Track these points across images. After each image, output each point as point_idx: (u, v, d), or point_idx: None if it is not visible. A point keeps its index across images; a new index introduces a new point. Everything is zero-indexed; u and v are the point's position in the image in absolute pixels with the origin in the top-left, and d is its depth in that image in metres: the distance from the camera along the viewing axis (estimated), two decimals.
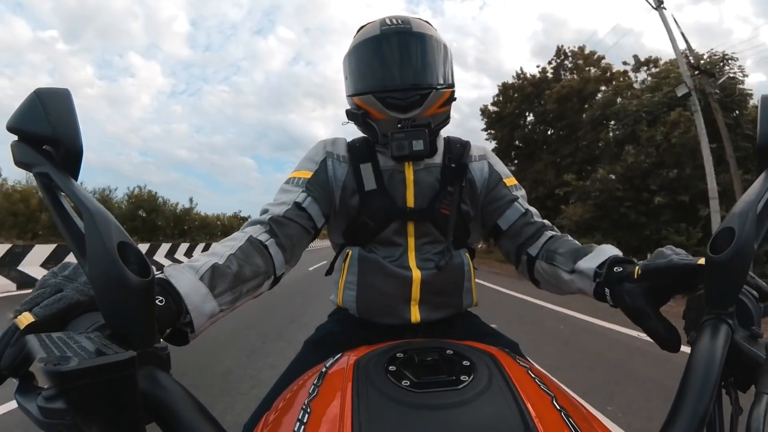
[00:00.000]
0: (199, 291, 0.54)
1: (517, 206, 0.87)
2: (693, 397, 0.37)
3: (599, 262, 0.66)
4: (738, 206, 0.43)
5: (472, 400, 0.41)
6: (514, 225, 0.86)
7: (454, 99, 0.87)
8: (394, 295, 0.83)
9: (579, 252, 0.73)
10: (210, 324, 0.57)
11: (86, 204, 0.35)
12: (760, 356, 0.41)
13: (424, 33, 0.82)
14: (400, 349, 0.53)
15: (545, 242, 0.82)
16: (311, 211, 0.79)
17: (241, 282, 0.62)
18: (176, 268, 0.55)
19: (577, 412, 0.43)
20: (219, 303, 0.56)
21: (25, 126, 0.37)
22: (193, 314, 0.52)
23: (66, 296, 0.39)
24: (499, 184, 0.89)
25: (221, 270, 0.59)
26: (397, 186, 0.84)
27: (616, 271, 0.62)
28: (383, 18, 0.85)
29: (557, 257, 0.76)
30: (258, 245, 0.68)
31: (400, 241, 0.84)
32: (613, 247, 0.69)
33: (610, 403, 2.53)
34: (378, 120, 0.82)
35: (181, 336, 0.53)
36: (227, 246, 0.65)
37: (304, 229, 0.78)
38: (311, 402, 0.44)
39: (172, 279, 0.52)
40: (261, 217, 0.75)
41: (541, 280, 0.83)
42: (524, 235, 0.85)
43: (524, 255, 0.84)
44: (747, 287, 0.48)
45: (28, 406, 0.31)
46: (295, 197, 0.78)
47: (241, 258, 0.64)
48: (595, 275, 0.65)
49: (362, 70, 0.83)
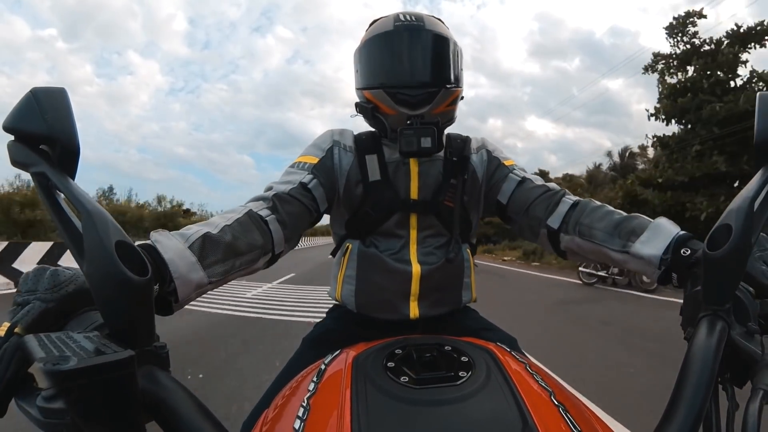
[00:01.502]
0: (186, 259, 0.52)
1: (513, 176, 0.87)
2: (690, 393, 0.37)
3: (663, 247, 0.62)
4: (735, 203, 0.43)
5: (470, 395, 0.41)
6: (514, 196, 0.85)
7: (461, 98, 0.87)
8: (394, 290, 0.83)
9: (624, 227, 0.69)
10: (197, 295, 0.55)
11: (84, 203, 0.35)
12: (757, 352, 0.42)
13: (437, 31, 0.82)
14: (398, 346, 0.53)
15: (568, 212, 0.79)
16: (316, 193, 0.79)
17: (234, 255, 0.60)
18: (164, 234, 0.53)
19: (575, 408, 0.43)
20: (208, 274, 0.55)
21: (21, 125, 0.37)
22: (177, 282, 0.50)
23: (33, 308, 0.39)
24: (498, 166, 0.89)
25: (214, 240, 0.57)
26: (401, 178, 0.84)
27: (684, 254, 0.59)
28: (397, 13, 0.84)
29: (597, 233, 0.72)
30: (257, 219, 0.67)
31: (402, 234, 0.84)
32: (668, 221, 0.65)
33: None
34: (387, 115, 0.82)
35: (165, 304, 0.51)
36: (224, 217, 0.64)
37: (307, 209, 0.77)
38: (311, 399, 0.44)
39: (158, 244, 0.51)
40: (264, 194, 0.74)
41: (573, 255, 0.80)
42: (531, 204, 0.83)
43: (543, 228, 0.81)
44: (743, 284, 0.48)
45: (28, 407, 0.31)
46: (301, 178, 0.78)
47: (237, 230, 0.62)
48: (660, 262, 0.62)
49: (374, 64, 0.84)
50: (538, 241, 0.85)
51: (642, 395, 2.58)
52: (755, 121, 0.47)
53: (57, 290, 0.40)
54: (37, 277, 0.41)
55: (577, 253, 0.78)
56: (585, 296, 7.24)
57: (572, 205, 0.79)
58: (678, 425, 0.36)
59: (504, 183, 0.87)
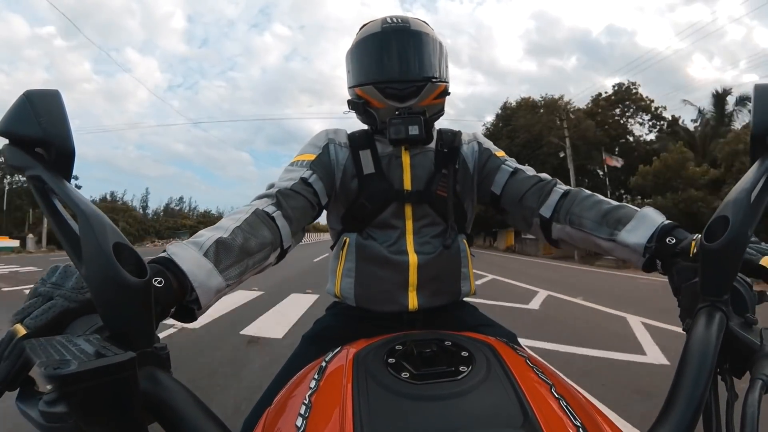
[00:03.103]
0: (203, 267, 0.53)
1: (505, 167, 0.89)
2: (689, 384, 0.38)
3: (647, 236, 0.64)
4: (732, 194, 0.43)
5: (471, 390, 0.42)
6: (508, 187, 0.87)
7: (448, 93, 0.91)
8: (392, 281, 0.84)
9: (611, 216, 0.71)
10: (217, 299, 0.56)
11: (80, 206, 0.35)
12: (755, 343, 0.42)
13: (421, 31, 0.87)
14: (398, 342, 0.53)
15: (559, 201, 0.80)
16: (316, 187, 0.81)
17: (247, 255, 0.61)
18: (179, 245, 0.54)
19: (575, 400, 0.43)
20: (225, 278, 0.56)
21: (15, 129, 0.36)
22: (198, 291, 0.51)
23: (55, 305, 0.38)
24: (489, 158, 0.91)
25: (226, 243, 0.58)
26: (394, 170, 0.87)
27: (669, 243, 0.60)
28: (384, 17, 0.90)
29: (586, 222, 0.74)
30: (264, 217, 0.68)
31: (397, 224, 0.86)
32: (654, 211, 0.67)
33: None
34: (377, 109, 0.86)
35: (188, 313, 0.52)
36: (233, 219, 0.64)
37: (309, 203, 0.79)
38: (312, 396, 0.45)
39: (175, 257, 0.51)
40: (268, 192, 0.75)
41: (564, 243, 0.82)
42: (524, 194, 0.84)
43: (536, 218, 0.82)
44: (741, 275, 0.48)
45: (30, 411, 0.31)
46: (301, 174, 0.81)
47: (247, 230, 0.63)
48: (645, 250, 0.64)
49: (364, 63, 0.88)
50: (532, 230, 0.87)
51: None
52: (752, 112, 0.47)
53: (83, 292, 0.40)
54: (66, 273, 0.41)
55: (568, 241, 0.80)
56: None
57: (563, 194, 0.80)
58: (678, 416, 0.36)
59: (497, 174, 0.89)
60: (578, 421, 0.38)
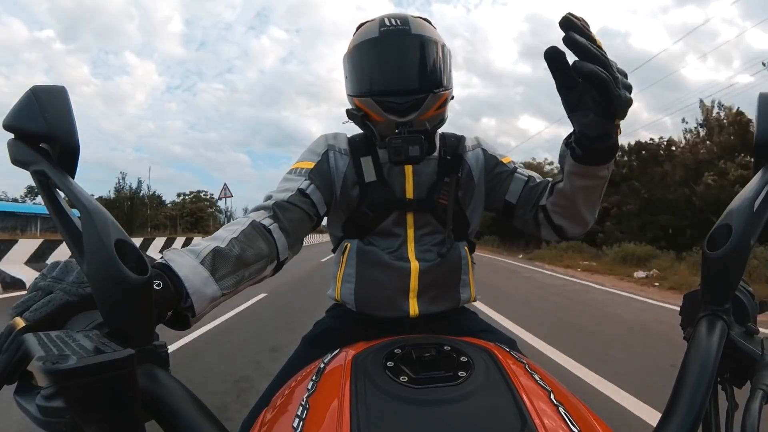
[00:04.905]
0: (199, 274, 0.53)
1: (519, 176, 0.88)
2: (689, 393, 0.37)
3: (564, 143, 0.67)
4: (735, 203, 0.43)
5: (469, 395, 0.41)
6: (524, 195, 0.86)
7: (451, 98, 0.86)
8: (393, 286, 0.83)
9: (560, 158, 0.73)
10: (211, 308, 0.56)
11: (83, 202, 0.35)
12: (756, 352, 0.42)
13: (423, 35, 0.80)
14: (397, 345, 0.53)
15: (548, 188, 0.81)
16: (314, 198, 0.80)
17: (243, 266, 0.61)
18: (176, 252, 0.54)
19: (574, 407, 0.43)
20: (221, 287, 0.56)
21: (21, 124, 0.37)
22: (193, 298, 0.51)
23: (55, 298, 0.38)
24: (497, 165, 0.90)
25: (223, 253, 0.58)
26: (396, 178, 0.86)
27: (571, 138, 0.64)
28: (383, 17, 0.83)
29: (555, 181, 0.76)
30: (261, 229, 0.68)
31: (399, 232, 0.86)
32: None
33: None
34: (376, 122, 0.82)
35: (182, 320, 0.52)
36: (230, 230, 0.64)
37: (307, 215, 0.78)
38: (310, 398, 0.44)
39: (172, 263, 0.51)
40: (265, 203, 0.75)
41: (558, 218, 0.80)
42: (534, 199, 0.84)
43: (540, 213, 0.82)
44: (743, 284, 0.48)
45: (27, 405, 0.31)
46: (298, 184, 0.79)
47: (244, 242, 0.63)
48: (566, 148, 0.66)
49: (361, 72, 0.83)
50: (542, 230, 0.85)
51: None
52: (755, 121, 0.47)
53: (83, 287, 0.40)
54: (67, 268, 0.41)
55: (560, 212, 0.78)
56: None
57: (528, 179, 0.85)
58: (677, 425, 0.36)
59: (511, 183, 0.88)
60: (576, 428, 0.38)
